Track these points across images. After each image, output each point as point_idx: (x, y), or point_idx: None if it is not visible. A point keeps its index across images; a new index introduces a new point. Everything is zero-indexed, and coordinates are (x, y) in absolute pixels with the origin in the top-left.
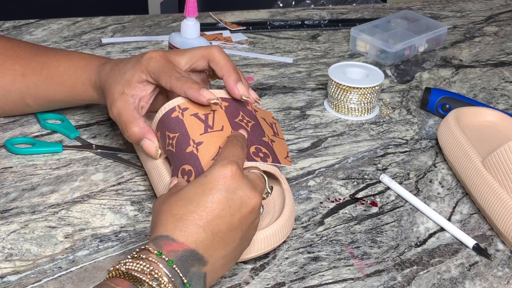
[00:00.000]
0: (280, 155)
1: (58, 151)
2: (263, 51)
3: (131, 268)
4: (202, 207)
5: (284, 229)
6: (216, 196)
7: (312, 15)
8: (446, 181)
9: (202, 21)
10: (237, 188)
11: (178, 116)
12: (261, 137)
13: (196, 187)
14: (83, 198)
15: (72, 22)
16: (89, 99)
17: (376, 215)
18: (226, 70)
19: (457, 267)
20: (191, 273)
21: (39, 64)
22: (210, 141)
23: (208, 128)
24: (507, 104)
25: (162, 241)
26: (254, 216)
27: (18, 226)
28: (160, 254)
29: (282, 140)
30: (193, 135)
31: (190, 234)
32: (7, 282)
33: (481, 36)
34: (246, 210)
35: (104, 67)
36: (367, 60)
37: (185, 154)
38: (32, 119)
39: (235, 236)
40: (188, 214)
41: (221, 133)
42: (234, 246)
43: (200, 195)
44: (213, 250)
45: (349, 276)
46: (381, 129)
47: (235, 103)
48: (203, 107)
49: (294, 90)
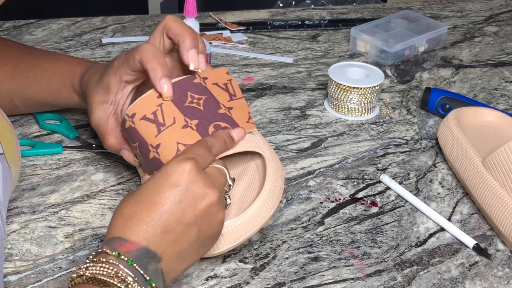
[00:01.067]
0: (242, 121)
1: (58, 152)
2: (263, 51)
3: (96, 273)
4: (152, 204)
5: (270, 201)
6: (166, 192)
7: (312, 15)
8: (446, 181)
9: (202, 21)
10: (191, 183)
11: (130, 125)
12: (217, 110)
13: (150, 182)
14: (83, 198)
15: (72, 22)
16: (76, 105)
17: (376, 215)
18: (181, 36)
19: (457, 267)
20: (149, 271)
21: (27, 67)
22: (166, 140)
23: (160, 126)
24: (507, 104)
25: (115, 242)
26: (213, 211)
27: (18, 226)
28: (119, 255)
29: (241, 100)
30: (149, 139)
31: (139, 232)
32: (7, 282)
33: (481, 36)
34: (201, 205)
35: (84, 75)
36: (367, 60)
37: (150, 161)
38: (32, 119)
39: (190, 232)
40: (137, 212)
41: (174, 126)
42: (190, 241)
43: (151, 191)
44: (166, 246)
45: (349, 276)
46: (381, 129)
47: (179, 85)
48: (149, 106)
49: (294, 90)
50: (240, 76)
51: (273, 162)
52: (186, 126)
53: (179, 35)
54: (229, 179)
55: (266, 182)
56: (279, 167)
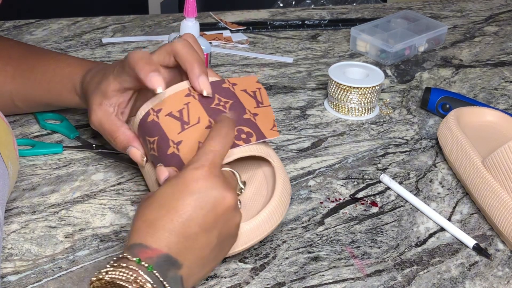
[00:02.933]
0: (266, 127)
1: (59, 152)
2: (263, 51)
3: (115, 277)
4: (173, 211)
5: (278, 211)
6: (186, 199)
7: (312, 15)
8: (446, 181)
9: (202, 21)
10: (210, 188)
11: (153, 120)
12: (242, 115)
13: (168, 188)
14: (83, 198)
15: (72, 22)
16: (77, 105)
17: (376, 215)
18: (189, 63)
19: (457, 267)
20: (168, 278)
21: (29, 68)
22: (188, 138)
23: (185, 124)
24: (507, 104)
25: (137, 249)
26: (232, 214)
27: (18, 226)
28: (139, 261)
29: (268, 107)
30: (171, 135)
31: (161, 239)
32: (7, 282)
33: (481, 36)
34: (220, 210)
35: (85, 77)
36: (367, 60)
37: (167, 156)
38: (32, 119)
39: (211, 238)
40: (159, 219)
41: (198, 126)
42: (211, 247)
43: (171, 198)
44: (187, 253)
45: (349, 276)
46: (381, 129)
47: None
48: (177, 103)
49: (294, 90)
50: (240, 76)
51: (282, 172)
52: (209, 127)
53: (187, 62)
54: (240, 183)
55: (276, 190)
56: (287, 179)
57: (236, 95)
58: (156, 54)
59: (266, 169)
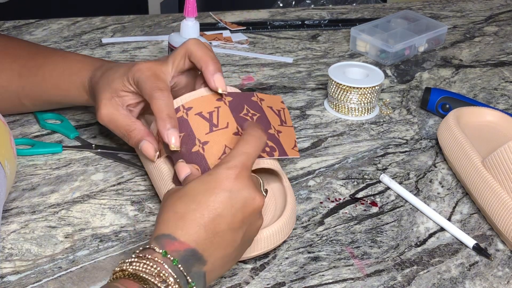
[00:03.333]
0: (287, 146)
1: (58, 151)
2: (263, 51)
3: (138, 269)
4: (205, 206)
5: (286, 228)
6: (219, 196)
7: (312, 15)
8: (446, 181)
9: (202, 21)
10: (241, 188)
11: (182, 116)
12: (267, 130)
13: (200, 184)
14: (83, 198)
15: (72, 22)
16: (84, 103)
17: (376, 215)
18: (204, 61)
19: (457, 267)
20: (192, 273)
21: (36, 65)
22: (215, 140)
23: (213, 126)
24: (507, 104)
25: (165, 240)
26: (257, 217)
27: (18, 226)
28: (166, 254)
29: (290, 128)
30: (199, 134)
31: (191, 234)
32: (7, 282)
33: (481, 36)
34: (249, 210)
35: (96, 73)
36: (367, 60)
37: (191, 154)
38: (32, 119)
39: (236, 237)
40: (190, 213)
41: (226, 130)
42: (235, 246)
43: (203, 193)
44: (213, 250)
45: (349, 276)
46: (381, 129)
47: (239, 96)
48: (207, 105)
49: (294, 90)
50: (240, 76)
51: (292, 192)
52: (237, 133)
53: (202, 60)
54: (262, 190)
55: (287, 208)
56: (295, 200)
57: (263, 110)
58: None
59: (274, 186)
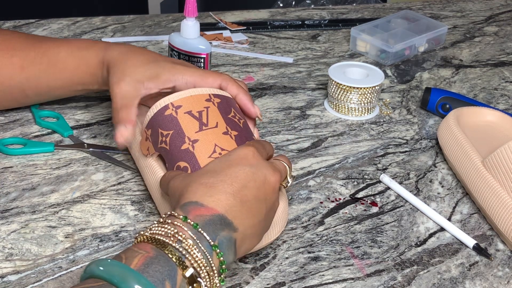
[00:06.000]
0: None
1: (50, 150)
2: (263, 51)
3: (155, 233)
4: (233, 177)
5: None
6: (244, 169)
7: (312, 15)
8: (446, 181)
9: (202, 21)
10: (261, 166)
11: (171, 114)
12: (251, 135)
13: (223, 161)
14: (83, 198)
15: (72, 22)
16: (89, 81)
17: (376, 215)
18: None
19: (457, 267)
20: (221, 237)
21: (39, 54)
22: (205, 138)
23: (203, 125)
24: (507, 104)
25: (190, 206)
26: (275, 196)
27: (18, 226)
28: (186, 219)
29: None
30: (188, 132)
31: (220, 200)
32: (7, 282)
33: (481, 36)
34: (269, 187)
35: (116, 47)
36: (367, 60)
37: (180, 151)
38: (32, 119)
39: (262, 208)
40: (218, 183)
41: (216, 130)
42: (260, 219)
43: (229, 167)
44: (243, 218)
45: (349, 276)
46: (381, 129)
47: (226, 99)
48: (197, 104)
49: (294, 90)
50: (240, 76)
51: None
52: (226, 133)
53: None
54: (289, 177)
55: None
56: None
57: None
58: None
59: None
